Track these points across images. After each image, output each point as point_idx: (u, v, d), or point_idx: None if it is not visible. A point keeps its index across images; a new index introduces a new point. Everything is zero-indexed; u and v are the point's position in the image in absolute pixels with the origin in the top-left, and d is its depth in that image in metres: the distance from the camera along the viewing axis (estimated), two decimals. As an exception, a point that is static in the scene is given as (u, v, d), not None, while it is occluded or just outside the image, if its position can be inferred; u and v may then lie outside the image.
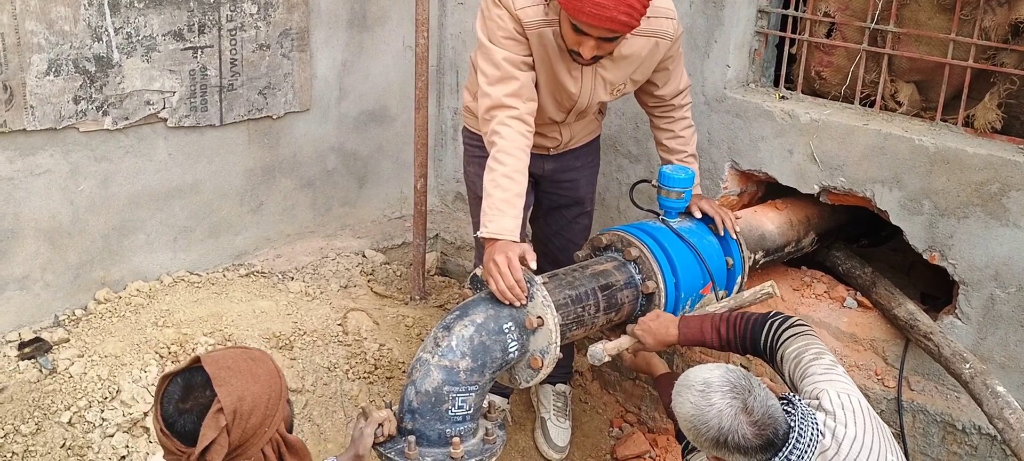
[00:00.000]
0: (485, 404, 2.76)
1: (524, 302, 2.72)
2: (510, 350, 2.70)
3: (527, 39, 2.91)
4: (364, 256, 4.43)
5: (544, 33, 2.90)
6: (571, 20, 2.73)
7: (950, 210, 3.19)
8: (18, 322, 3.54)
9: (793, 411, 2.25)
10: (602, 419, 4.03)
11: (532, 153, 3.20)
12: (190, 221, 3.99)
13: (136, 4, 3.54)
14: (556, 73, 3.00)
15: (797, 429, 2.20)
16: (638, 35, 2.92)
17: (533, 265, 2.76)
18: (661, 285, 3.01)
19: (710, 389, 2.20)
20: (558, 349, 2.73)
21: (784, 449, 2.19)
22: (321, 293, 4.02)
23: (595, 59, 2.86)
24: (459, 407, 2.63)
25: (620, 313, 3.03)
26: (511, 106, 2.88)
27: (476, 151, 3.33)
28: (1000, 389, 2.82)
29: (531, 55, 2.94)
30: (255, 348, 2.26)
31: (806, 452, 2.19)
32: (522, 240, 2.85)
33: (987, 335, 3.19)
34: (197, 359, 2.09)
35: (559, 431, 3.77)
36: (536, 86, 3.00)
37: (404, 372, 3.73)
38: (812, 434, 2.21)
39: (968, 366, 2.96)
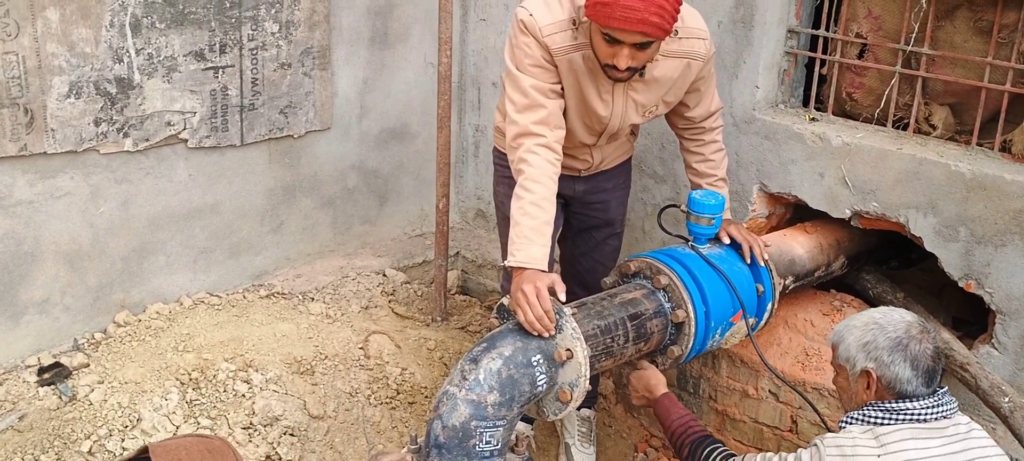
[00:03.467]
0: (512, 437, 2.71)
1: (553, 333, 2.66)
2: (539, 383, 2.64)
3: (555, 66, 2.87)
4: (385, 275, 4.39)
5: (573, 58, 2.86)
6: (602, 30, 2.68)
7: (987, 238, 3.12)
8: (38, 346, 3.51)
9: None
10: (626, 444, 3.96)
11: (563, 174, 3.17)
12: (210, 242, 3.95)
13: (157, 25, 3.50)
14: (586, 97, 2.95)
15: (946, 388, 2.30)
16: (670, 57, 2.88)
17: (562, 296, 2.71)
18: (691, 314, 2.95)
19: (896, 310, 2.37)
20: (587, 382, 2.67)
21: (940, 393, 2.28)
22: (342, 315, 3.98)
23: (631, 73, 2.79)
24: (487, 442, 2.57)
25: (649, 343, 2.97)
26: (539, 134, 2.84)
27: (506, 172, 3.28)
28: (1042, 424, 2.75)
29: (559, 82, 2.90)
30: (217, 437, 2.07)
31: (953, 408, 2.27)
32: (550, 264, 2.80)
33: (1025, 366, 3.12)
34: (145, 449, 1.88)
35: (583, 457, 3.72)
36: (566, 111, 2.96)
37: (426, 397, 3.68)
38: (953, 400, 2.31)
39: (1007, 399, 2.89)
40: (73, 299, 3.58)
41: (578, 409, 3.73)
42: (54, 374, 3.34)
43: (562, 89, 2.91)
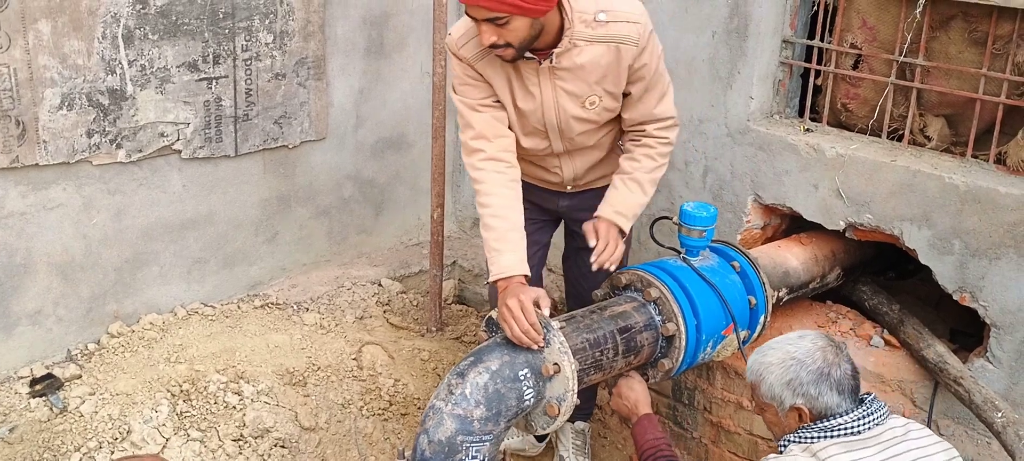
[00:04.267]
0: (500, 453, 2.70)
1: (541, 346, 2.65)
2: (526, 398, 2.63)
3: (481, 76, 2.89)
4: (380, 285, 4.38)
5: (490, 61, 2.86)
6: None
7: (982, 251, 3.09)
8: (30, 357, 3.51)
9: None
10: (622, 455, 3.94)
11: (545, 188, 3.19)
12: (204, 252, 3.95)
13: (150, 36, 3.50)
14: (515, 95, 2.92)
15: (873, 395, 2.33)
16: (595, 42, 2.81)
17: (547, 310, 2.70)
18: (681, 327, 2.93)
19: (805, 336, 2.36)
20: (575, 396, 2.66)
21: (867, 401, 2.30)
22: (336, 325, 3.97)
23: (514, 52, 2.71)
24: (473, 457, 2.57)
25: (639, 356, 2.95)
26: (479, 149, 2.90)
27: None
28: (1034, 441, 2.72)
29: (490, 95, 2.92)
30: (150, 455, 2.05)
31: (883, 413, 2.29)
32: (538, 273, 2.80)
33: (1020, 380, 3.09)
34: None
35: (577, 469, 3.69)
36: (510, 120, 2.99)
37: (419, 408, 3.67)
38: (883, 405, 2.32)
39: (1000, 415, 2.86)
40: (66, 310, 3.58)
41: (573, 422, 3.71)
42: (46, 385, 3.34)
43: (494, 101, 2.93)
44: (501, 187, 2.88)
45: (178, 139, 3.70)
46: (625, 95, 2.99)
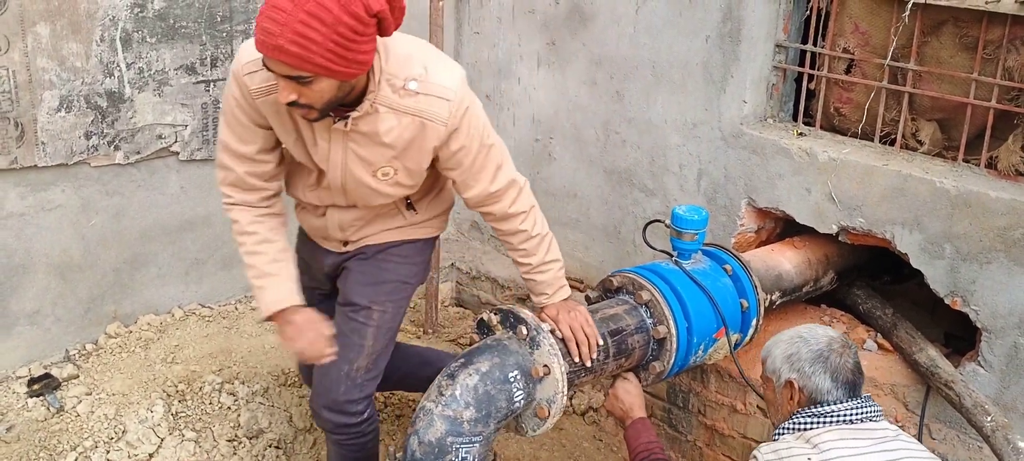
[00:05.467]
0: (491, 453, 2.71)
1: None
2: (516, 399, 2.65)
3: (258, 111, 2.46)
4: (378, 287, 4.39)
5: (276, 100, 2.38)
6: None
7: (972, 255, 3.10)
8: (28, 358, 3.54)
9: None
10: (616, 457, 3.96)
11: (316, 242, 2.85)
12: (202, 253, 3.98)
13: (148, 39, 3.53)
14: (304, 140, 2.52)
15: (869, 397, 2.35)
16: (399, 111, 2.42)
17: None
18: (673, 330, 2.94)
19: (821, 327, 2.44)
20: (565, 398, 2.68)
21: (863, 398, 2.33)
22: (333, 327, 3.99)
23: (316, 113, 2.31)
24: (463, 458, 2.58)
25: (631, 358, 2.97)
26: (227, 194, 2.61)
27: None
28: (1022, 445, 2.73)
29: (263, 147, 2.55)
30: None
31: (877, 413, 2.32)
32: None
33: (1011, 384, 3.10)
34: None
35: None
36: (290, 161, 2.68)
37: (413, 409, 3.69)
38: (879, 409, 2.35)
39: (990, 419, 2.87)
40: (64, 311, 3.61)
41: None
42: (43, 385, 3.37)
43: (263, 153, 2.56)
44: (255, 222, 2.59)
45: (176, 141, 3.73)
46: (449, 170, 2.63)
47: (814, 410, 2.31)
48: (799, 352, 2.36)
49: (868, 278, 3.85)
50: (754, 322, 3.21)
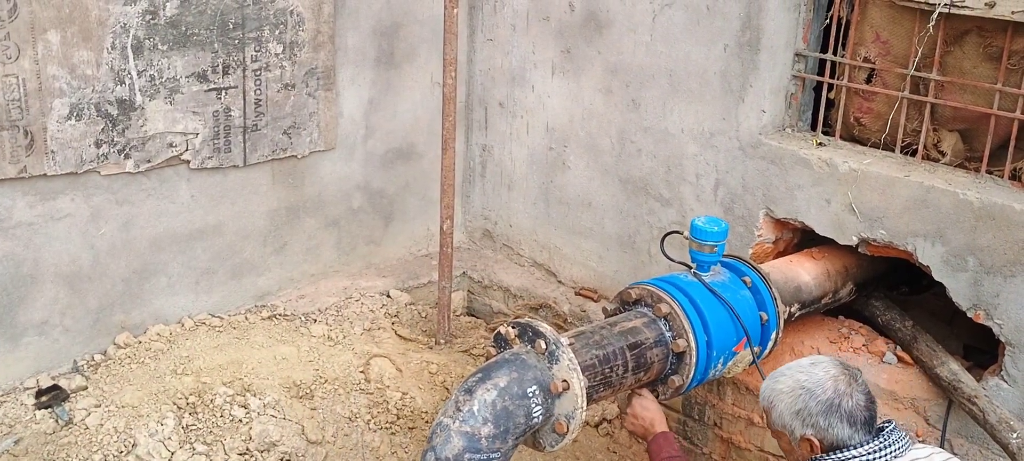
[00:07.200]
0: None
1: None
2: (534, 415, 2.61)
3: None
4: (389, 296, 4.35)
5: None
6: None
7: (996, 268, 3.05)
8: (37, 368, 3.50)
9: None
10: (631, 470, 3.92)
11: None
12: (212, 263, 3.94)
13: (160, 47, 3.49)
14: None
15: (894, 424, 2.26)
16: None
17: None
18: (692, 344, 2.90)
19: (818, 363, 2.31)
20: (584, 414, 2.63)
21: (885, 431, 2.24)
22: (344, 337, 3.95)
23: None
24: (481, 475, 2.54)
25: (649, 372, 2.92)
26: None
27: None
28: (1051, 463, 2.68)
29: None
30: None
31: (904, 444, 2.23)
32: None
33: (1036, 400, 3.05)
34: None
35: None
36: None
37: (427, 422, 3.64)
38: (904, 435, 2.26)
39: (1015, 435, 2.82)
40: (73, 321, 3.57)
41: None
42: (52, 397, 3.33)
43: None
44: None
45: (187, 149, 3.69)
46: None
47: (835, 456, 2.24)
48: (808, 407, 2.26)
49: (886, 289, 3.80)
50: (774, 334, 3.17)
